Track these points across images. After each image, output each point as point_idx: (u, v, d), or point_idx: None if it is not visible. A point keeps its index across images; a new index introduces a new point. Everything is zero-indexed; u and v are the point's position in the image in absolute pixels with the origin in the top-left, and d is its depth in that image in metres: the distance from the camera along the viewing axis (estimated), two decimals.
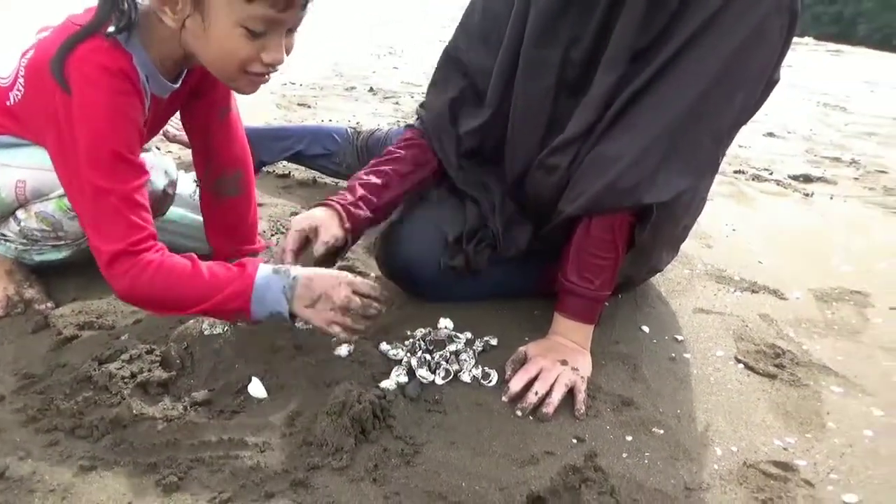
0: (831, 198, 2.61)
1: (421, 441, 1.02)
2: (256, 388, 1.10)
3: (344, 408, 1.01)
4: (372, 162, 1.38)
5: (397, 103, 3.78)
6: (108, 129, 1.00)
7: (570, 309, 1.24)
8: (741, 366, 1.33)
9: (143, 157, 1.14)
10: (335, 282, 1.06)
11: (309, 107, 3.45)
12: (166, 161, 1.28)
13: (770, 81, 1.18)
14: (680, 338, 1.41)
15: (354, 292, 1.06)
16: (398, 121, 3.31)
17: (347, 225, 1.24)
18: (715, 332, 1.45)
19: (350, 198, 1.27)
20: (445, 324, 1.32)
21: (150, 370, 1.11)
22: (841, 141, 3.77)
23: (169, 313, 1.14)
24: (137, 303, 1.08)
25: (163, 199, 1.25)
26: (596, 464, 1.00)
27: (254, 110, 2.85)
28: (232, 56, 1.02)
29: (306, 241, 1.22)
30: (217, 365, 1.14)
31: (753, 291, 1.68)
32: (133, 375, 1.10)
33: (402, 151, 1.37)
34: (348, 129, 2.11)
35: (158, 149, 1.26)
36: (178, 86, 1.17)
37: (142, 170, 1.05)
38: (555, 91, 1.23)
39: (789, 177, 2.87)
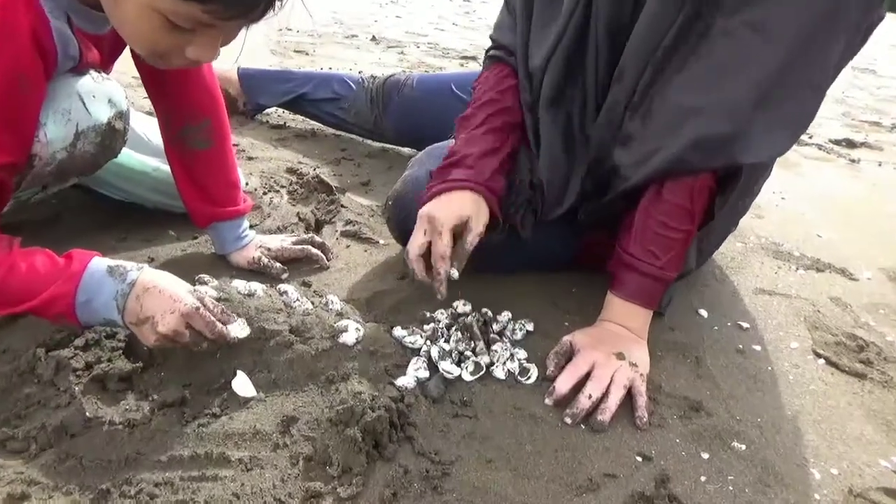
0: (880, 164, 2.38)
1: (449, 458, 0.81)
2: (242, 385, 0.88)
3: (353, 416, 0.80)
4: (474, 113, 1.13)
5: (402, 52, 3.51)
6: None
7: (628, 288, 1.02)
8: (822, 361, 1.12)
9: (81, 83, 0.91)
10: (168, 308, 0.82)
11: (307, 54, 3.18)
12: (109, 87, 1.00)
13: (873, 21, 0.95)
14: (745, 325, 1.20)
15: (188, 326, 0.84)
16: (412, 68, 3.05)
17: (496, 209, 1.06)
18: (784, 319, 1.24)
19: (483, 174, 1.05)
20: (461, 305, 1.10)
21: (109, 360, 0.90)
22: (876, 105, 3.53)
23: None
24: None
25: (109, 135, 0.99)
26: (671, 492, 0.79)
27: (245, 56, 2.57)
28: (144, 41, 0.80)
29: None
30: (193, 354, 0.92)
31: (818, 270, 1.46)
32: (88, 366, 0.89)
33: (507, 99, 1.13)
34: (362, 75, 1.86)
35: (99, 72, 0.99)
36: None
37: (6, 150, 0.83)
38: None
39: (830, 141, 2.63)
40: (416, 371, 0.93)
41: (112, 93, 1.00)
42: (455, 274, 1.02)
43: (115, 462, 0.76)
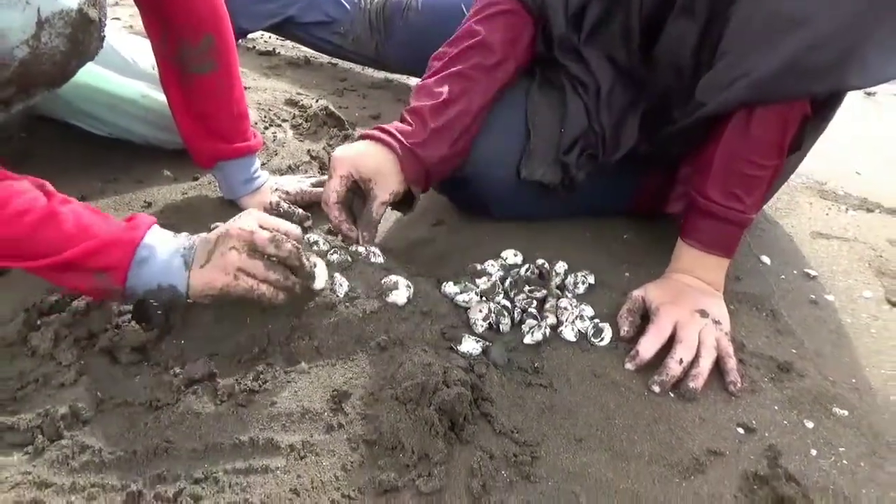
0: None
1: (534, 438, 0.70)
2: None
3: (425, 392, 0.67)
4: (444, 53, 0.97)
5: None
6: None
7: (706, 237, 0.90)
8: None
9: None
10: (238, 217, 0.76)
11: None
12: None
13: None
14: (812, 272, 1.10)
15: (262, 226, 0.75)
16: None
17: (412, 177, 0.90)
18: (849, 265, 1.14)
19: (417, 129, 0.90)
20: (511, 256, 0.97)
21: (117, 327, 0.75)
22: None
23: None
24: None
25: (81, 26, 0.78)
26: (785, 469, 0.69)
27: None
28: None
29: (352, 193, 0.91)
30: (219, 318, 0.78)
31: (868, 210, 1.37)
32: (92, 335, 0.74)
33: (485, 30, 0.96)
34: None
35: None
36: None
37: None
38: None
39: None
40: (480, 329, 0.81)
41: None
42: (367, 241, 0.90)
43: (141, 454, 0.63)
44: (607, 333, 0.85)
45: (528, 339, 0.83)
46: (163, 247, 0.71)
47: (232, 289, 0.72)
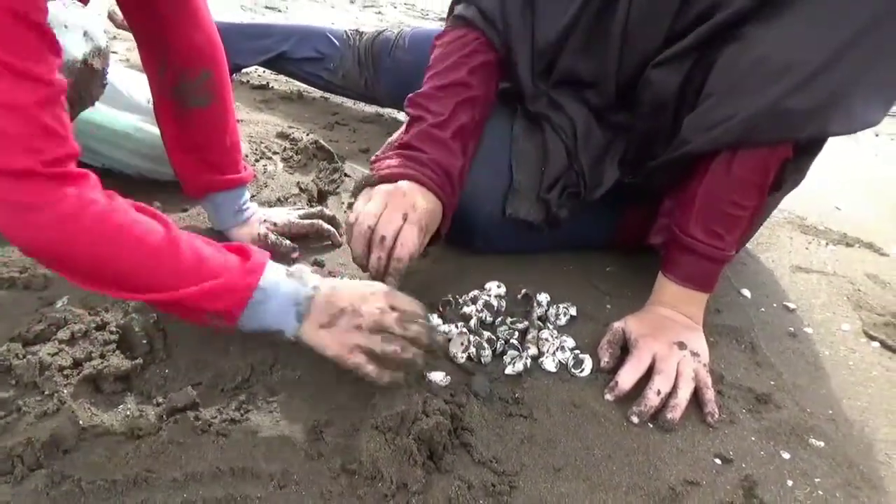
0: (892, 139, 2.35)
1: (513, 468, 0.71)
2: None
3: (404, 422, 0.68)
4: (436, 94, 0.97)
5: (380, 13, 3.32)
6: None
7: (685, 272, 0.92)
8: (876, 344, 1.05)
9: (50, 11, 0.73)
10: (367, 290, 0.74)
11: (279, 11, 2.96)
12: (84, 17, 0.83)
13: None
14: (791, 305, 1.12)
15: (391, 307, 0.74)
16: (399, 24, 2.87)
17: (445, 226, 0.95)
18: (828, 298, 1.16)
19: (446, 178, 0.92)
20: (494, 288, 0.99)
21: (102, 356, 0.76)
22: None
23: (93, 289, 0.68)
24: (53, 261, 0.66)
25: (85, 76, 0.82)
26: (761, 500, 0.70)
27: (214, 10, 2.37)
28: None
29: None
30: (203, 347, 0.79)
31: (848, 245, 1.40)
32: (77, 364, 0.75)
33: (468, 75, 0.97)
34: (347, 31, 1.69)
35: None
36: None
37: (56, 46, 0.64)
38: None
39: None
40: (461, 360, 0.82)
41: (88, 24, 0.83)
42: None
43: (121, 483, 0.63)
44: (587, 364, 0.87)
45: (509, 370, 0.84)
46: (275, 297, 0.71)
47: (341, 362, 0.72)
